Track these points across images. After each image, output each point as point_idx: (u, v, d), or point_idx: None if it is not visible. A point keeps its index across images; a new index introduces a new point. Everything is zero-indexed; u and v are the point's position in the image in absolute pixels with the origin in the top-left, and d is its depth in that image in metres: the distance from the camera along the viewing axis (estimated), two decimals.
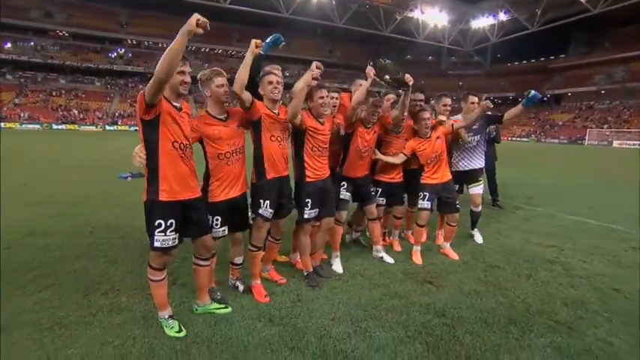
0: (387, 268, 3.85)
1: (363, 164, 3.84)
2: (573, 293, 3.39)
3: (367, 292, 3.26)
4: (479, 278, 3.64)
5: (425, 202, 4.07)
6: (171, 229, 2.45)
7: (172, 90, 2.45)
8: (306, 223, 3.40)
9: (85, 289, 3.18)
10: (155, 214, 2.43)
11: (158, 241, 2.45)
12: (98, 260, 3.82)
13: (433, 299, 3.16)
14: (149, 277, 2.61)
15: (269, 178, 3.06)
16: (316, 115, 3.30)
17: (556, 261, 4.19)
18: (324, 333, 2.61)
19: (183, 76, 2.44)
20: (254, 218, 3.11)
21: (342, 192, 3.79)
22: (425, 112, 4.00)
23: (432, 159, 4.06)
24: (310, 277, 3.43)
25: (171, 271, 3.45)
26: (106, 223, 5.14)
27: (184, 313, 2.82)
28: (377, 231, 3.99)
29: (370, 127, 3.76)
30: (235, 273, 3.30)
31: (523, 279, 3.66)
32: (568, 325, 2.84)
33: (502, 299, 3.21)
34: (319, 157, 3.34)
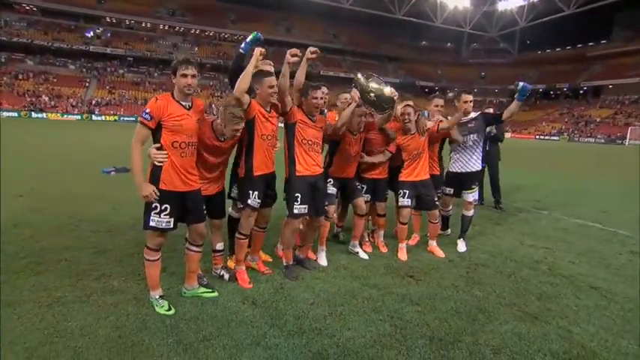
0: (371, 262, 4.50)
1: (351, 167, 4.49)
2: (550, 290, 4.01)
3: (348, 283, 3.91)
4: (460, 275, 4.27)
5: (405, 199, 4.70)
6: (166, 213, 3.10)
7: (179, 90, 3.12)
8: (295, 220, 3.96)
9: (78, 275, 3.82)
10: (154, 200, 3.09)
11: (153, 221, 3.09)
12: (87, 251, 4.47)
13: (410, 291, 3.80)
14: (145, 257, 3.26)
15: (257, 174, 3.66)
16: (307, 112, 3.91)
17: (543, 261, 4.82)
18: (302, 314, 3.25)
19: (185, 78, 3.07)
20: (242, 208, 3.74)
21: (329, 187, 4.42)
22: (407, 107, 4.61)
23: (413, 155, 4.68)
24: (290, 269, 4.02)
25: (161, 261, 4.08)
26: (92, 217, 5.80)
27: (173, 297, 3.46)
28: (361, 227, 4.64)
29: (357, 134, 4.40)
30: (219, 261, 3.94)
31: (504, 276, 4.29)
32: (535, 315, 3.46)
33: (478, 293, 3.84)
34: (309, 151, 3.90)
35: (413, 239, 5.33)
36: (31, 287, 3.52)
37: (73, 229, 5.26)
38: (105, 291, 3.51)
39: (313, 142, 3.93)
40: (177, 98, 3.14)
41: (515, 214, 7.34)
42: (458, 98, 4.90)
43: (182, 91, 3.12)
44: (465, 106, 4.83)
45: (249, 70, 3.34)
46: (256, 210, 3.74)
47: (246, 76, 3.33)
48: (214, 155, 3.53)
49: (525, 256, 4.97)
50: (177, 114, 3.09)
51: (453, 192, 5.19)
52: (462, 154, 5.06)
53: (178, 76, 3.08)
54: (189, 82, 3.10)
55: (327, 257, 4.46)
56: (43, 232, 5.01)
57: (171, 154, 3.10)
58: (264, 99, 3.60)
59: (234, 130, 3.31)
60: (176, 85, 3.12)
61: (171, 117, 3.06)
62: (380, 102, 4.06)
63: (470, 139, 5.00)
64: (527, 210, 7.76)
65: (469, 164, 5.03)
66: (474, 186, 5.05)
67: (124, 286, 3.62)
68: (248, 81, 3.35)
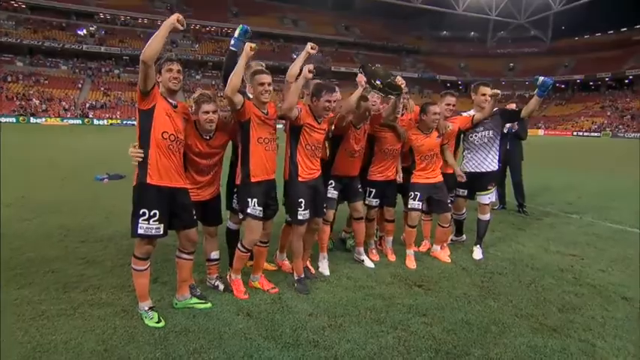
0: (377, 271, 4.58)
1: (354, 164, 4.58)
2: (574, 300, 4.03)
3: (350, 293, 3.99)
4: (474, 284, 4.32)
5: (416, 202, 4.78)
6: (155, 219, 3.23)
7: (165, 87, 3.29)
8: (300, 226, 4.07)
9: (64, 287, 3.97)
10: (141, 201, 3.22)
11: (142, 229, 3.22)
12: (76, 262, 4.64)
13: (418, 301, 3.86)
14: (132, 267, 3.39)
15: (254, 180, 3.74)
16: (316, 114, 4.01)
17: (569, 270, 4.83)
18: (299, 325, 3.35)
19: (171, 73, 3.27)
20: (243, 219, 3.81)
21: (330, 190, 4.52)
22: (434, 106, 4.69)
23: (426, 156, 4.77)
24: (301, 282, 4.11)
25: (153, 270, 4.21)
26: (82, 227, 6.00)
27: (164, 308, 3.59)
28: (361, 232, 4.72)
29: (360, 127, 4.49)
30: (213, 271, 4.06)
31: (523, 286, 4.32)
32: (554, 327, 3.49)
33: (492, 303, 3.88)
34: (312, 156, 4.04)
35: (423, 246, 5.39)
36: (15, 300, 3.68)
37: (61, 239, 5.46)
38: (92, 303, 3.65)
39: (316, 147, 4.05)
40: (164, 95, 3.31)
41: (541, 219, 7.33)
42: (476, 91, 4.98)
43: (169, 86, 3.29)
44: (483, 100, 4.89)
45: (240, 66, 3.43)
46: (260, 220, 3.76)
47: (236, 74, 3.41)
48: (204, 157, 3.66)
49: (549, 263, 4.99)
50: (166, 106, 3.27)
51: (466, 193, 5.24)
52: (477, 153, 5.11)
53: (164, 73, 3.27)
54: (176, 75, 3.29)
55: (330, 266, 4.56)
56: (30, 243, 5.21)
57: (159, 148, 3.24)
58: (257, 99, 3.69)
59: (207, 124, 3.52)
60: (162, 84, 3.29)
61: (161, 106, 3.24)
62: (386, 86, 4.15)
63: (485, 136, 5.04)
64: (554, 214, 7.74)
65: (484, 164, 5.07)
66: (489, 187, 5.09)
67: (112, 298, 3.76)
68: (239, 79, 3.44)
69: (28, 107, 48.81)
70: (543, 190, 10.08)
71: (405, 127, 4.82)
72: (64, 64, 58.49)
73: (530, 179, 8.09)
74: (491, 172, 5.10)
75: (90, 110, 51.86)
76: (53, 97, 51.95)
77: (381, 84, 4.12)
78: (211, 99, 3.56)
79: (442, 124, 4.79)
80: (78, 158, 14.72)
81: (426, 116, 4.70)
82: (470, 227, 5.74)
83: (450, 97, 5.13)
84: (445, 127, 4.81)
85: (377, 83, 4.13)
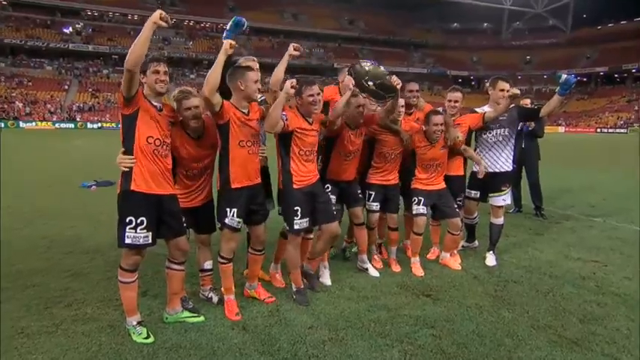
0: (382, 280, 4.59)
1: (349, 168, 4.58)
2: (597, 310, 4.01)
3: (353, 304, 4.00)
4: (487, 293, 4.31)
5: (420, 206, 4.79)
6: (142, 227, 3.24)
7: (150, 89, 3.30)
8: (297, 236, 4.08)
9: (47, 302, 3.99)
10: (127, 209, 3.24)
11: (129, 238, 3.22)
12: (60, 275, 4.66)
13: (426, 312, 3.86)
14: (119, 280, 3.40)
15: (235, 187, 3.71)
16: (304, 113, 4.03)
17: (591, 277, 4.81)
18: (298, 339, 3.36)
19: (157, 75, 3.28)
20: (220, 228, 3.81)
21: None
22: (438, 117, 4.70)
23: (428, 166, 4.82)
24: (301, 293, 4.10)
25: (143, 283, 4.23)
26: (67, 237, 6.04)
27: (154, 323, 3.60)
28: (363, 238, 4.73)
29: (356, 128, 4.49)
30: (207, 282, 4.07)
31: (541, 295, 4.31)
32: (575, 340, 3.47)
33: (506, 314, 3.87)
34: (307, 161, 4.05)
35: (432, 253, 5.39)
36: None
37: (45, 250, 5.50)
38: (76, 319, 3.67)
39: (310, 151, 4.07)
40: (149, 98, 3.32)
41: (561, 222, 7.31)
42: (494, 85, 4.99)
43: (155, 89, 3.31)
44: (501, 95, 4.90)
45: (218, 63, 3.40)
46: (237, 231, 3.77)
47: (214, 71, 3.38)
48: (194, 160, 3.68)
49: (569, 271, 4.97)
50: (150, 110, 3.29)
51: (478, 195, 5.23)
52: (489, 152, 5.11)
53: (149, 74, 3.28)
54: (162, 77, 3.30)
55: (331, 275, 4.57)
56: (12, 255, 5.23)
57: (143, 154, 3.26)
58: (247, 95, 3.66)
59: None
60: (147, 85, 3.31)
61: (145, 109, 3.26)
62: (379, 90, 4.12)
63: (499, 134, 5.05)
64: (575, 217, 7.72)
65: (497, 163, 5.08)
66: (503, 188, 5.08)
67: (98, 314, 3.77)
68: (217, 77, 3.39)
69: (11, 111, 49.04)
70: (563, 192, 10.04)
71: (412, 130, 4.84)
72: (48, 65, 58.88)
73: (549, 180, 8.07)
74: (505, 172, 5.10)
75: (77, 113, 52.20)
76: (38, 100, 52.29)
77: (374, 85, 4.08)
78: (192, 94, 3.58)
79: (451, 133, 4.77)
80: (64, 164, 14.82)
81: (427, 127, 4.73)
82: (482, 232, 5.73)
83: (453, 93, 5.11)
84: (454, 137, 4.77)
85: (369, 85, 4.08)
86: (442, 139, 4.78)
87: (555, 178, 11.36)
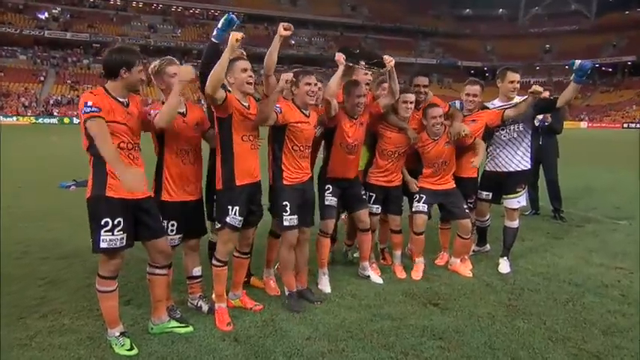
0: (385, 288, 4.62)
1: (351, 163, 4.61)
2: (621, 321, 4.02)
3: (354, 314, 4.02)
4: (500, 302, 4.34)
5: (421, 204, 4.85)
6: (119, 229, 3.24)
7: (128, 88, 3.34)
8: (288, 233, 4.12)
9: (20, 313, 3.98)
10: (101, 212, 3.22)
11: (105, 241, 3.20)
12: (35, 282, 4.69)
13: (433, 322, 3.88)
14: (97, 289, 3.40)
15: (239, 184, 3.79)
16: (301, 104, 4.08)
17: (615, 285, 4.83)
18: (294, 351, 3.37)
19: (142, 74, 3.34)
20: (219, 228, 3.87)
21: (328, 197, 4.56)
22: (435, 109, 4.76)
23: (434, 164, 4.87)
24: (293, 297, 4.17)
25: (126, 291, 4.27)
26: (44, 242, 6.08)
27: (139, 334, 3.62)
28: (367, 245, 4.78)
29: (356, 118, 4.52)
30: (196, 290, 4.09)
31: (559, 304, 4.33)
32: (596, 354, 3.48)
33: (521, 324, 3.89)
34: (300, 157, 4.11)
35: (441, 258, 5.43)
36: None
37: (20, 256, 5.52)
38: (52, 331, 3.67)
39: (305, 146, 4.12)
40: (114, 95, 3.30)
41: (582, 226, 7.34)
42: (502, 77, 5.01)
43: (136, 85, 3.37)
44: (510, 87, 4.93)
45: (224, 59, 3.46)
46: (237, 230, 3.84)
47: (218, 68, 3.44)
48: (184, 135, 3.69)
49: (590, 278, 4.99)
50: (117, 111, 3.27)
51: (491, 197, 5.26)
52: (503, 150, 5.13)
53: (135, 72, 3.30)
54: (142, 77, 3.36)
55: (331, 282, 4.60)
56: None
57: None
58: (239, 88, 3.74)
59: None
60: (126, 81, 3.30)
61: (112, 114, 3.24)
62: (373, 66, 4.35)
63: (514, 130, 5.07)
64: (597, 220, 7.75)
65: (512, 162, 5.10)
66: (518, 189, 5.11)
67: (76, 325, 3.78)
68: (221, 74, 3.46)
69: None
70: (584, 193, 10.08)
71: (419, 127, 4.89)
72: (22, 54, 58.83)
73: (569, 180, 8.09)
74: (521, 171, 5.12)
75: (54, 107, 52.11)
76: (10, 92, 52.24)
77: (366, 64, 4.21)
78: (173, 60, 3.65)
79: (456, 128, 4.77)
80: (41, 162, 14.84)
81: (425, 121, 4.80)
82: (495, 236, 5.77)
83: (471, 86, 5.10)
84: (458, 132, 4.76)
85: (361, 63, 4.28)
86: (446, 135, 4.81)
87: (576, 177, 11.40)
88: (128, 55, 3.29)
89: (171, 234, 3.73)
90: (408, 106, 4.70)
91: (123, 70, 3.25)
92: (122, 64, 3.24)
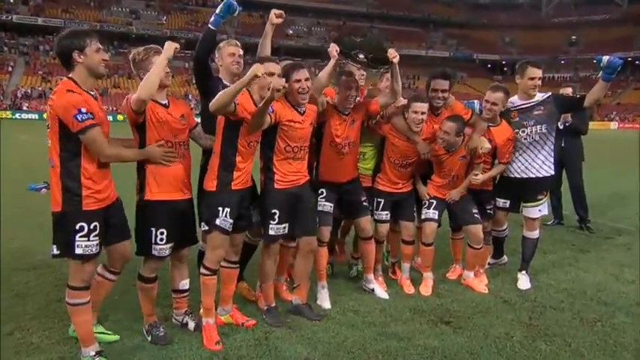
0: (391, 304, 4.63)
1: (344, 166, 4.59)
2: None
3: (357, 332, 4.03)
4: (520, 321, 4.35)
5: (431, 210, 4.86)
6: (96, 234, 3.28)
7: (91, 74, 3.33)
8: (272, 243, 4.16)
9: None
10: (74, 216, 3.25)
11: (80, 247, 3.25)
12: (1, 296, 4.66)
13: (445, 343, 3.89)
14: (68, 302, 3.39)
15: (235, 188, 3.87)
16: (294, 103, 4.09)
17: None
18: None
19: (102, 53, 3.34)
20: (207, 231, 3.90)
21: (321, 202, 4.56)
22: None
23: (446, 175, 4.89)
24: (271, 312, 4.20)
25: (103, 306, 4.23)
26: (12, 250, 6.08)
27: (116, 353, 3.61)
28: (371, 255, 4.79)
29: (347, 114, 4.51)
30: (182, 305, 4.08)
31: (586, 325, 4.33)
32: None
33: (543, 346, 3.90)
34: (294, 159, 4.12)
35: (453, 271, 5.44)
36: None
37: None
38: (19, 351, 3.66)
39: (299, 147, 4.13)
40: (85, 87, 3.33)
41: (612, 237, 7.34)
42: (522, 72, 4.96)
43: (99, 71, 3.38)
44: (530, 85, 4.92)
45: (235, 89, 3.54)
46: (228, 234, 3.87)
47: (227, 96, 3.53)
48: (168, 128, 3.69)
49: (621, 296, 5.00)
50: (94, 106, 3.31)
51: (509, 204, 5.26)
52: (523, 154, 5.11)
53: (91, 53, 3.29)
54: (105, 57, 3.39)
55: (331, 297, 4.61)
56: None
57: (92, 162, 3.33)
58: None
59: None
60: (84, 66, 3.30)
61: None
62: (373, 61, 4.26)
63: (535, 132, 5.05)
64: (629, 231, 7.74)
65: (532, 167, 5.09)
66: (540, 196, 5.11)
67: (46, 343, 3.76)
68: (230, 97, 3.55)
69: None
70: (614, 200, 10.09)
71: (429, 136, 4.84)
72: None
73: (597, 186, 8.06)
74: (542, 177, 5.11)
75: (23, 100, 51.99)
76: None
77: (365, 57, 4.18)
78: (160, 51, 3.64)
79: (474, 141, 4.74)
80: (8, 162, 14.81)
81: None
82: (514, 247, 5.78)
83: (493, 93, 4.89)
84: (475, 147, 4.72)
85: (359, 57, 4.20)
86: (463, 147, 4.80)
87: (605, 183, 11.43)
88: (77, 37, 3.25)
89: (161, 243, 3.70)
90: (418, 118, 4.59)
91: (76, 54, 3.23)
92: (73, 48, 3.22)
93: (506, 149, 4.97)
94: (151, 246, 3.67)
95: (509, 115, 5.05)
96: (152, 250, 3.68)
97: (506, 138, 4.94)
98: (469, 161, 4.90)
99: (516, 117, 5.04)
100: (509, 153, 5.00)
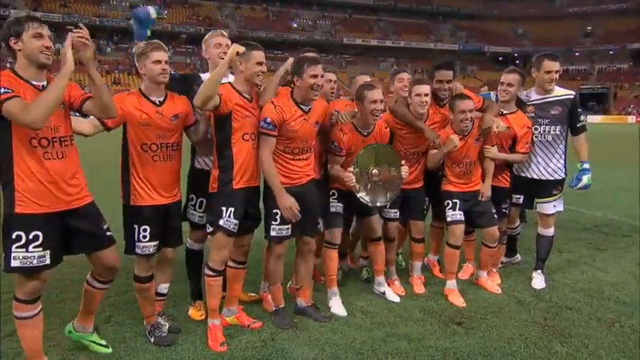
0: (401, 304, 4.64)
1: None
2: None
3: (366, 333, 4.04)
4: (534, 321, 4.34)
5: (457, 212, 4.80)
6: (36, 244, 3.05)
7: (31, 63, 3.06)
8: (275, 244, 4.17)
9: None
10: (13, 224, 3.04)
11: (17, 259, 3.01)
12: None
13: (457, 344, 3.89)
14: (15, 315, 3.22)
15: (237, 187, 3.86)
16: (301, 99, 4.02)
17: None
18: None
19: (42, 39, 3.03)
20: (211, 233, 3.91)
21: (333, 203, 4.56)
22: (465, 102, 4.62)
23: (460, 163, 4.82)
24: (280, 314, 4.22)
25: (105, 307, 4.30)
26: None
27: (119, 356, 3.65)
28: (381, 256, 4.78)
29: (367, 135, 4.50)
30: (157, 307, 4.05)
31: (604, 325, 4.32)
32: None
33: (559, 348, 3.90)
34: (297, 157, 4.10)
35: (464, 271, 5.44)
36: None
37: None
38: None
39: (302, 148, 4.10)
40: (26, 78, 3.13)
41: (630, 235, 7.29)
42: (538, 66, 4.96)
43: (35, 58, 3.07)
44: (546, 79, 4.91)
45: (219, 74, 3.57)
46: (233, 235, 3.88)
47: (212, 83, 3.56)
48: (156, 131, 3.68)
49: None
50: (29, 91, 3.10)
51: (522, 200, 5.27)
52: (535, 156, 5.14)
53: (28, 39, 3.02)
54: (48, 44, 3.09)
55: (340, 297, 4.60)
56: None
57: (27, 158, 3.07)
58: (248, 79, 3.82)
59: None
60: (22, 54, 3.05)
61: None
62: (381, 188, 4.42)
63: (548, 132, 5.07)
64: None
65: (546, 170, 5.13)
66: (555, 192, 5.11)
67: (47, 345, 3.71)
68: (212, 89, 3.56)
69: None
70: (631, 198, 10.01)
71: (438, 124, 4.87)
72: None
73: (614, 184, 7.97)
74: (556, 180, 5.15)
75: None
76: None
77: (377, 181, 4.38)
78: (162, 46, 3.66)
79: (487, 120, 4.69)
80: None
81: (452, 114, 4.72)
82: (527, 246, 5.76)
83: (507, 75, 4.99)
84: (489, 127, 4.65)
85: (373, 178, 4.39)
86: (476, 130, 4.76)
87: (623, 180, 11.35)
88: (14, 23, 3.05)
89: (144, 240, 3.71)
90: (422, 100, 4.57)
91: (13, 42, 3.01)
92: (10, 34, 3.01)
93: (525, 138, 4.94)
94: (135, 244, 3.71)
95: (525, 108, 5.05)
96: (136, 247, 3.71)
97: (524, 125, 4.93)
98: (481, 146, 4.85)
99: (532, 112, 5.05)
100: (528, 143, 4.98)
